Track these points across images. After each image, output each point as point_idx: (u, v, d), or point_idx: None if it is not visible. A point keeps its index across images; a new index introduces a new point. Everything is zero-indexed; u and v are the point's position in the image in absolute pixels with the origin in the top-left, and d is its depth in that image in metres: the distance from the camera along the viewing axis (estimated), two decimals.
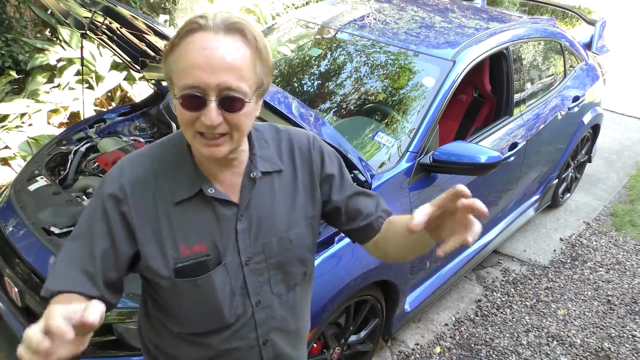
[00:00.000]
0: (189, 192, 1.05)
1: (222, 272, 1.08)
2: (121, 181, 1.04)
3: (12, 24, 4.16)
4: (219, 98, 0.93)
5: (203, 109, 0.93)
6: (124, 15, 2.14)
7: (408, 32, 3.01)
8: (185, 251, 1.05)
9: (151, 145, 1.12)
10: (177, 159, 1.07)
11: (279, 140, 1.17)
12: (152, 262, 1.05)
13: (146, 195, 1.05)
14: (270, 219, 1.12)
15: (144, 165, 1.07)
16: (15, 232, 2.20)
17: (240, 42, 0.94)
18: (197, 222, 1.06)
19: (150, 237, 1.04)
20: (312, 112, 2.08)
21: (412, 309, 2.63)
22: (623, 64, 7.54)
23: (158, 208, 1.05)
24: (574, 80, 3.73)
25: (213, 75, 0.91)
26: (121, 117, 2.93)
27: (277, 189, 1.14)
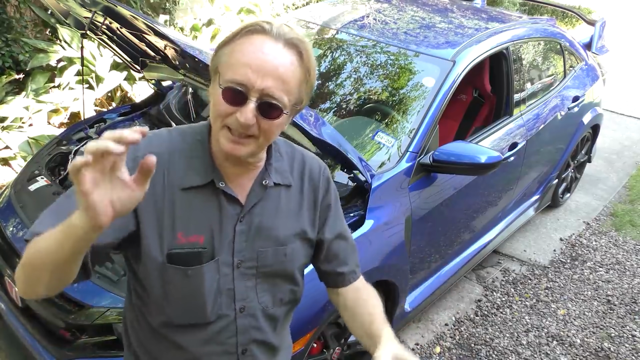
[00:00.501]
0: (201, 181, 1.06)
1: (213, 267, 1.08)
2: (136, 153, 1.02)
3: (12, 24, 4.16)
4: (259, 101, 0.96)
5: (241, 106, 0.96)
6: (124, 15, 2.14)
7: (408, 32, 3.01)
8: (182, 239, 1.05)
9: (170, 129, 1.12)
10: (194, 148, 1.08)
11: (292, 157, 1.19)
12: (148, 242, 1.04)
13: (157, 174, 1.02)
14: (270, 228, 1.12)
15: (162, 145, 1.06)
16: (15, 232, 2.20)
17: (295, 58, 0.98)
18: (200, 212, 1.06)
19: (152, 217, 1.04)
20: (312, 112, 2.08)
21: (412, 309, 2.63)
22: (623, 64, 7.54)
23: (165, 190, 1.04)
24: (574, 81, 3.74)
25: (261, 79, 0.94)
26: (121, 117, 2.93)
27: (283, 202, 1.15)
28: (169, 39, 1.96)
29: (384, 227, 2.22)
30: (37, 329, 2.06)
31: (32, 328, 2.07)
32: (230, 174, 1.08)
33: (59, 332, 2.01)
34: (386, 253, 2.25)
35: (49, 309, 1.99)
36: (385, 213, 2.23)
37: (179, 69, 2.57)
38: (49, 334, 2.03)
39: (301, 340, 1.97)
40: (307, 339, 2.00)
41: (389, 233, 2.25)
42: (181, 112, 2.84)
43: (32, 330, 2.07)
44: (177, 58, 2.45)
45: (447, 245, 2.79)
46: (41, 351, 2.00)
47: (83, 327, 1.93)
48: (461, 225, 2.87)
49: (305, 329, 1.96)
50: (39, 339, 2.03)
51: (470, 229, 2.98)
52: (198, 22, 5.56)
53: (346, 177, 2.22)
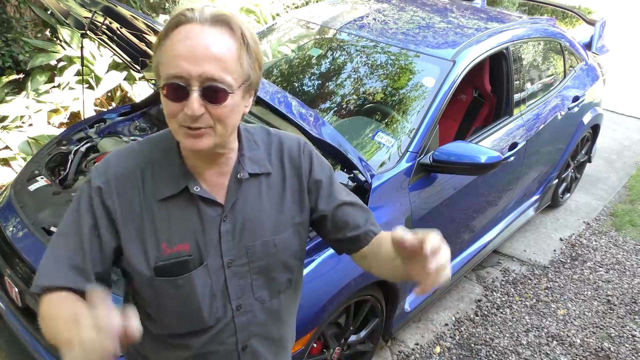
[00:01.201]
0: (174, 189, 1.04)
1: (204, 273, 1.06)
2: (107, 175, 1.03)
3: (12, 24, 4.16)
4: (202, 88, 0.92)
5: (186, 100, 0.92)
6: (124, 15, 2.14)
7: (408, 32, 3.01)
8: (167, 250, 1.04)
9: (140, 142, 1.11)
10: (165, 156, 1.06)
11: (269, 143, 1.15)
12: (133, 259, 1.04)
13: (131, 190, 1.04)
14: (255, 221, 1.10)
15: (131, 160, 1.06)
16: (15, 232, 2.20)
17: (226, 34, 0.94)
18: (180, 220, 1.05)
19: (133, 234, 1.03)
20: (312, 112, 2.08)
21: (412, 308, 2.63)
22: (623, 64, 7.54)
23: (142, 204, 1.04)
24: (574, 80, 3.74)
25: (196, 65, 0.91)
26: (121, 117, 2.93)
27: (265, 192, 1.12)
28: None
29: (384, 227, 2.20)
30: (37, 329, 2.05)
31: (32, 328, 2.07)
32: (205, 173, 1.06)
33: None
34: None
35: None
36: (385, 213, 2.23)
37: None
38: None
39: (301, 340, 1.97)
40: (307, 339, 2.00)
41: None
42: None
43: (32, 330, 2.07)
44: None
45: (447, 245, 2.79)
46: (41, 351, 2.00)
47: None
48: (461, 225, 2.87)
49: (305, 329, 1.96)
50: (39, 339, 2.03)
51: (470, 229, 2.98)
52: None
53: (346, 177, 2.22)
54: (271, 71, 3.18)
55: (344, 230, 1.20)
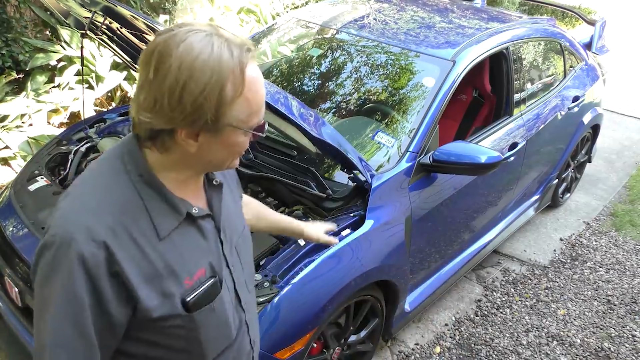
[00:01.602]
0: (176, 221, 0.97)
1: (225, 288, 1.07)
2: (97, 239, 0.87)
3: (12, 24, 4.16)
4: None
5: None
6: (124, 15, 2.14)
7: (408, 32, 3.01)
8: (190, 282, 0.99)
9: (92, 190, 0.94)
10: (142, 190, 0.94)
11: None
12: (156, 312, 0.94)
13: (128, 244, 0.91)
14: (231, 219, 1.13)
15: (106, 212, 0.91)
16: (15, 232, 2.20)
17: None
18: (189, 247, 1.00)
19: (150, 288, 0.93)
20: (312, 112, 2.08)
21: (412, 309, 2.63)
22: (623, 64, 7.54)
23: (145, 250, 0.93)
24: (574, 80, 3.74)
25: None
26: (121, 117, 2.93)
27: (225, 191, 1.13)
28: None
29: (384, 227, 2.22)
30: None
31: (32, 328, 2.07)
32: (190, 191, 1.02)
33: None
34: (386, 253, 2.25)
35: None
36: (385, 213, 2.23)
37: None
38: None
39: (301, 340, 1.97)
40: (307, 339, 2.00)
41: (389, 233, 2.25)
42: None
43: (32, 330, 2.07)
44: None
45: (447, 245, 2.79)
46: None
47: None
48: (461, 225, 2.87)
49: (305, 329, 1.96)
50: None
51: (470, 229, 2.98)
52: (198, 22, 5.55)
53: (346, 177, 2.22)
54: (271, 71, 3.18)
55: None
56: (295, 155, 2.43)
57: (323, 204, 2.20)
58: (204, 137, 0.92)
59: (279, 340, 1.90)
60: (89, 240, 0.87)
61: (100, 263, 0.87)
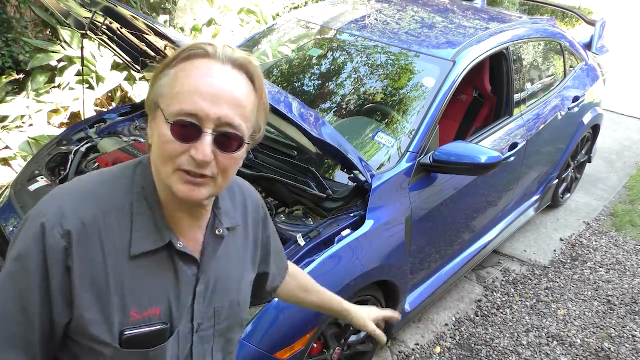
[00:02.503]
0: (154, 244, 0.89)
1: (175, 340, 0.94)
2: (64, 226, 0.83)
3: (13, 24, 4.16)
4: (216, 133, 0.83)
5: (195, 141, 0.82)
6: (124, 15, 2.14)
7: (408, 32, 3.01)
8: (136, 315, 0.88)
9: (94, 181, 0.92)
10: (137, 203, 0.89)
11: (232, 192, 1.06)
12: (92, 328, 0.86)
13: (93, 245, 0.85)
14: (225, 280, 1.00)
15: (89, 206, 0.87)
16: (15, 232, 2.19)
17: (245, 80, 0.87)
18: (153, 280, 0.90)
19: (93, 300, 0.85)
20: (312, 112, 2.08)
21: (412, 309, 2.63)
22: (623, 64, 7.54)
23: (107, 261, 0.86)
24: (574, 81, 3.74)
25: (215, 106, 0.82)
26: (121, 117, 2.93)
27: (231, 246, 1.02)
28: (169, 39, 1.96)
29: (384, 227, 2.22)
30: None
31: None
32: (183, 227, 0.93)
33: None
34: (386, 253, 2.25)
35: None
36: (385, 213, 2.23)
37: None
38: None
39: (301, 340, 1.97)
40: (307, 339, 2.00)
41: (389, 233, 2.25)
42: None
43: None
44: None
45: (447, 245, 2.79)
46: None
47: None
48: (461, 225, 2.87)
49: (305, 329, 1.96)
50: None
51: (470, 229, 2.98)
52: (198, 22, 5.56)
53: (346, 177, 2.22)
54: (271, 71, 3.18)
55: (268, 285, 1.24)
56: (295, 155, 2.43)
57: (323, 204, 2.20)
58: (151, 125, 0.90)
59: (279, 340, 1.90)
60: (57, 223, 0.84)
61: (58, 251, 0.83)
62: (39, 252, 0.83)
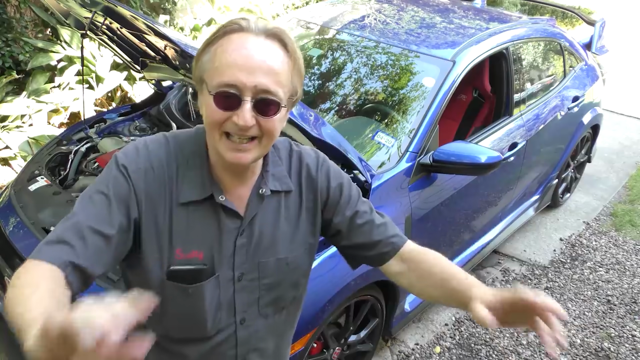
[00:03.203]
0: (199, 195, 1.02)
1: (214, 284, 1.04)
2: (137, 164, 0.99)
3: (13, 24, 4.16)
4: (255, 100, 0.92)
5: (237, 109, 0.92)
6: (124, 15, 2.14)
7: (408, 33, 3.01)
8: (181, 255, 1.01)
9: (167, 137, 1.06)
10: (192, 158, 1.03)
11: (289, 158, 1.14)
12: (148, 257, 1.01)
13: (157, 187, 1.00)
14: (271, 239, 1.09)
15: (160, 156, 1.02)
16: (15, 232, 2.20)
17: (279, 48, 0.95)
18: (198, 227, 1.02)
19: (152, 234, 1.00)
20: (312, 112, 2.08)
21: (412, 308, 2.63)
22: (623, 64, 7.54)
23: (164, 203, 1.01)
24: (574, 81, 3.74)
25: (251, 76, 0.91)
26: (121, 117, 2.93)
27: (283, 209, 1.10)
28: (169, 39, 1.96)
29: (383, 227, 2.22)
30: None
31: None
32: (229, 184, 1.04)
33: None
34: None
35: None
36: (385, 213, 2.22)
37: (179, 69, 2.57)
38: None
39: (301, 340, 1.97)
40: (307, 339, 2.00)
41: None
42: (181, 112, 2.84)
43: None
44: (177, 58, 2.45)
45: (447, 245, 2.79)
46: None
47: None
48: (461, 225, 2.87)
49: (305, 329, 1.96)
50: None
51: (470, 229, 2.98)
52: (198, 22, 5.56)
53: None
54: None
55: (362, 249, 1.18)
56: None
57: None
58: (200, 98, 1.00)
59: None
60: (133, 162, 0.99)
61: (134, 180, 0.98)
62: (115, 174, 0.99)
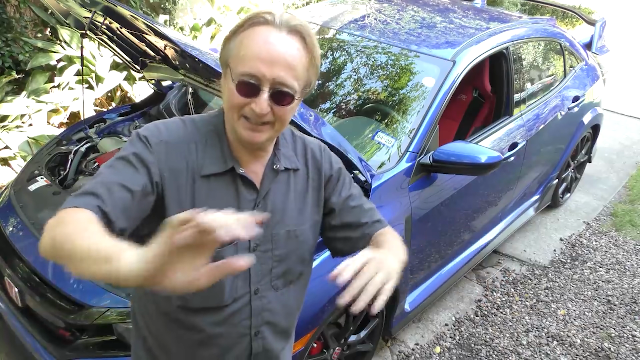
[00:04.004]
0: (221, 168, 1.11)
1: (232, 251, 1.11)
2: (160, 137, 1.08)
3: (12, 24, 4.16)
4: (272, 90, 1.01)
5: (255, 97, 1.01)
6: (124, 15, 2.14)
7: (408, 32, 3.01)
8: None
9: (184, 119, 1.15)
10: (210, 137, 1.12)
11: (294, 142, 1.25)
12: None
13: (177, 160, 1.09)
14: (282, 211, 1.18)
15: (181, 132, 1.11)
16: (15, 232, 2.20)
17: (299, 44, 1.04)
18: (218, 198, 1.10)
19: (174, 204, 1.08)
20: (312, 112, 2.08)
21: (412, 309, 2.63)
22: (623, 64, 7.54)
23: (185, 175, 1.09)
24: (574, 81, 3.73)
25: (271, 69, 1.00)
26: (121, 117, 2.93)
27: (292, 185, 1.20)
28: (169, 39, 1.96)
29: None
30: (37, 329, 2.06)
31: (32, 328, 2.07)
32: (245, 161, 1.13)
33: (59, 332, 2.01)
34: None
35: (49, 309, 1.99)
36: (385, 213, 2.23)
37: (179, 69, 2.57)
38: (49, 334, 2.03)
39: (301, 340, 1.97)
40: (307, 339, 2.00)
41: None
42: (181, 112, 2.84)
43: (32, 330, 2.07)
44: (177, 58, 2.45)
45: (447, 245, 2.79)
46: (41, 351, 2.00)
47: (83, 327, 1.93)
48: (461, 225, 2.87)
49: (305, 329, 1.96)
50: (39, 339, 2.03)
51: (470, 229, 2.98)
52: (198, 22, 5.56)
53: None
54: None
55: (349, 229, 1.28)
56: None
57: None
58: (223, 80, 1.08)
59: None
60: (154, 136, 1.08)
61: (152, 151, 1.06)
62: (141, 145, 1.07)
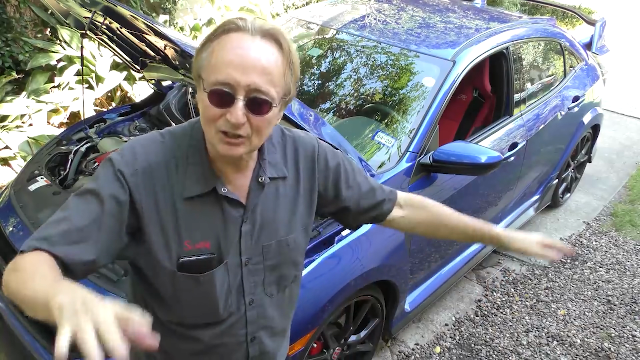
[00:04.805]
0: (202, 189, 1.06)
1: (223, 270, 1.10)
2: (135, 166, 1.02)
3: (12, 24, 4.16)
4: (247, 98, 0.95)
5: (230, 107, 0.95)
6: (124, 15, 2.14)
7: (408, 32, 3.01)
8: (189, 246, 1.06)
9: (162, 133, 1.10)
10: (191, 153, 1.07)
11: (284, 144, 1.19)
12: (157, 252, 1.05)
13: (157, 185, 1.04)
14: (272, 223, 1.15)
15: (158, 153, 1.05)
16: (15, 232, 2.20)
17: (274, 48, 0.98)
18: (203, 219, 1.07)
19: (156, 229, 1.04)
20: (312, 112, 2.08)
21: (412, 309, 2.63)
22: (623, 64, 7.54)
23: (166, 200, 1.04)
24: (574, 80, 3.73)
25: (244, 75, 0.94)
26: (121, 117, 2.93)
27: (281, 194, 1.16)
28: (169, 39, 1.96)
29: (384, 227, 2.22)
30: (37, 329, 2.05)
31: (32, 328, 2.07)
32: (229, 175, 1.09)
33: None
34: (386, 253, 2.25)
35: None
36: None
37: (179, 69, 2.57)
38: (49, 334, 2.03)
39: (301, 340, 1.97)
40: (307, 339, 2.00)
41: (389, 233, 2.25)
42: (181, 112, 2.84)
43: (32, 330, 2.07)
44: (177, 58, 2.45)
45: (447, 245, 2.79)
46: (41, 351, 2.00)
47: None
48: None
49: (305, 329, 1.96)
50: (39, 339, 2.03)
51: None
52: (198, 22, 5.56)
53: None
54: None
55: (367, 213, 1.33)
56: None
57: None
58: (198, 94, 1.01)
59: None
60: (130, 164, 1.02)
61: (129, 182, 1.01)
62: (112, 177, 1.01)
